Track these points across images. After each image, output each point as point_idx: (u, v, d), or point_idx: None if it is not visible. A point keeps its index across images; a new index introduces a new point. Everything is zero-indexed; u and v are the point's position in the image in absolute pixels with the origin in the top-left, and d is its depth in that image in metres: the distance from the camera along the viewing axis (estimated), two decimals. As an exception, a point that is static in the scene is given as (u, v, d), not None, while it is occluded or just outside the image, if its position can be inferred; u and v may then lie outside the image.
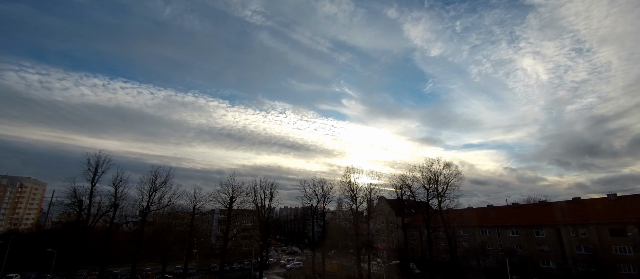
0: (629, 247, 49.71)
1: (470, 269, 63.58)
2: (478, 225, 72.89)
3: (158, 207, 53.77)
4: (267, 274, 65.45)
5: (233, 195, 56.38)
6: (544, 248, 60.27)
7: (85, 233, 46.17)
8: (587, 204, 60.57)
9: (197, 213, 66.31)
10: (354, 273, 59.00)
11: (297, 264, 76.82)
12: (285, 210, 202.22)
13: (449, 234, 54.23)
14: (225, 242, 55.78)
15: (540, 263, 59.88)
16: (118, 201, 48.68)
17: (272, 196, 59.95)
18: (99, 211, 48.69)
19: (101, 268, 47.12)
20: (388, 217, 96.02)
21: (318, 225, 62.96)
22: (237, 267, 73.74)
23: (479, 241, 71.05)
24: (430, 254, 56.29)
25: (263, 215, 60.06)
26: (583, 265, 54.21)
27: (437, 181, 56.00)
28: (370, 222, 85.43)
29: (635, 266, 48.91)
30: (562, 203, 65.58)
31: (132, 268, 49.59)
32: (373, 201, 68.93)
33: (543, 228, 61.21)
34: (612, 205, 55.81)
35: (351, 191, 58.97)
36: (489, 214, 75.64)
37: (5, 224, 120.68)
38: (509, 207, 77.19)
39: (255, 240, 60.33)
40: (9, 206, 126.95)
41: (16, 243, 63.11)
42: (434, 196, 56.77)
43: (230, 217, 57.13)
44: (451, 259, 54.78)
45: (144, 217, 52.68)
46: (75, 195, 45.90)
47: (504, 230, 67.55)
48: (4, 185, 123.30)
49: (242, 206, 58.84)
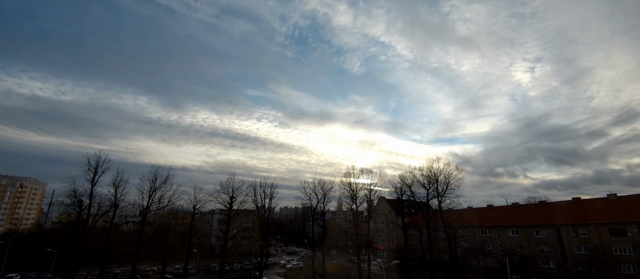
0: (629, 247, 49.71)
1: (470, 269, 63.57)
2: (478, 224, 72.90)
3: (158, 207, 53.78)
4: (267, 274, 65.44)
5: (233, 195, 56.38)
6: (544, 248, 60.27)
7: (85, 233, 46.14)
8: (587, 204, 60.56)
9: (197, 213, 66.32)
10: (354, 273, 58.99)
11: (297, 264, 76.86)
12: (285, 210, 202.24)
13: (449, 234, 54.16)
14: (225, 242, 55.78)
15: (540, 263, 59.90)
16: (118, 201, 48.73)
17: (272, 196, 59.99)
18: (99, 211, 48.68)
19: (101, 268, 47.09)
20: (388, 217, 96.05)
21: (318, 225, 62.92)
22: (237, 267, 73.76)
23: (479, 241, 71.07)
24: (430, 254, 56.27)
25: (263, 215, 59.99)
26: (583, 265, 54.25)
27: (437, 181, 55.94)
28: (370, 222, 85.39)
29: (635, 266, 48.91)
30: (562, 203, 65.64)
31: (132, 268, 49.62)
32: (373, 201, 68.86)
33: (543, 228, 61.21)
34: (612, 205, 55.80)
35: (351, 191, 58.95)
36: (489, 214, 75.68)
37: (5, 224, 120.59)
38: (509, 207, 77.24)
39: (255, 240, 60.31)
40: (9, 206, 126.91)
41: (16, 243, 63.15)
42: (434, 196, 56.72)
43: (230, 217, 57.13)
44: (451, 259, 54.76)
45: (144, 217, 52.71)
46: (75, 195, 45.90)
47: (504, 230, 67.56)
48: (4, 185, 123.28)
49: (242, 206, 58.83)
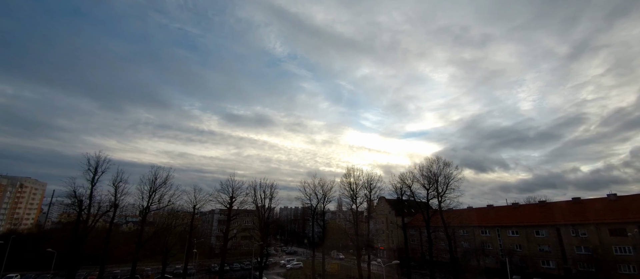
0: (629, 247, 49.70)
1: (470, 269, 63.55)
2: (478, 224, 72.86)
3: (158, 207, 53.78)
4: (267, 274, 65.43)
5: (233, 195, 56.38)
6: (544, 248, 60.25)
7: (85, 233, 46.14)
8: (587, 204, 60.53)
9: (197, 213, 66.32)
10: (354, 273, 58.98)
11: (297, 264, 76.83)
12: (285, 210, 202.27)
13: (448, 235, 54.10)
14: (225, 242, 55.77)
15: (540, 263, 59.88)
16: (118, 201, 48.73)
17: (272, 196, 59.99)
18: (99, 211, 48.67)
19: (101, 268, 47.06)
20: (388, 217, 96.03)
21: (318, 225, 62.93)
22: (237, 267, 73.72)
23: (479, 241, 71.04)
24: (430, 254, 56.25)
25: (263, 215, 59.98)
26: (583, 265, 54.24)
27: (437, 181, 55.92)
28: (370, 222, 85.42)
29: (635, 266, 48.90)
30: (562, 203, 65.63)
31: (132, 268, 49.64)
32: (373, 201, 68.88)
33: (543, 228, 61.18)
34: (612, 205, 55.77)
35: (351, 191, 58.97)
36: (489, 214, 75.66)
37: (5, 224, 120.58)
38: (509, 207, 77.23)
39: (255, 240, 60.31)
40: (9, 206, 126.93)
41: (16, 243, 63.10)
42: (434, 196, 56.67)
43: (230, 217, 57.12)
44: (451, 259, 54.72)
45: (144, 217, 52.70)
46: (75, 195, 45.89)
47: (504, 230, 67.54)
48: (4, 185, 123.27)
49: (242, 206, 58.82)
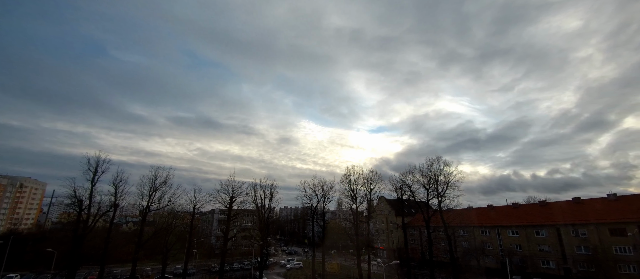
0: (629, 247, 49.71)
1: (470, 269, 63.54)
2: (478, 225, 72.87)
3: (158, 207, 53.72)
4: (267, 274, 65.45)
5: (233, 195, 56.34)
6: (544, 248, 60.25)
7: (85, 233, 46.11)
8: (587, 204, 60.54)
9: (197, 213, 66.26)
10: (354, 273, 58.98)
11: (297, 264, 76.84)
12: (285, 210, 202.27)
13: (448, 235, 54.06)
14: (225, 242, 55.74)
15: (540, 263, 59.89)
16: (118, 201, 48.70)
17: (272, 196, 59.95)
18: (99, 211, 48.61)
19: (101, 268, 47.01)
20: (388, 217, 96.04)
21: (318, 225, 62.90)
22: (237, 267, 73.76)
23: (479, 241, 71.03)
24: (430, 254, 56.25)
25: (263, 215, 59.97)
26: (583, 265, 54.24)
27: (437, 181, 55.91)
28: (370, 222, 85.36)
29: (635, 266, 48.90)
30: (562, 203, 65.65)
31: (132, 268, 49.58)
32: (373, 201, 68.85)
33: (543, 228, 61.18)
34: (612, 205, 55.78)
35: (351, 191, 58.95)
36: (489, 214, 75.65)
37: (5, 224, 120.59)
38: (509, 207, 77.20)
39: (255, 240, 60.30)
40: (9, 206, 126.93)
41: (16, 243, 63.01)
42: (434, 196, 56.66)
43: (230, 217, 57.08)
44: (451, 259, 54.71)
45: (144, 217, 52.61)
46: (75, 195, 45.85)
47: (504, 230, 67.54)
48: (4, 185, 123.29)
49: (242, 206, 58.77)
